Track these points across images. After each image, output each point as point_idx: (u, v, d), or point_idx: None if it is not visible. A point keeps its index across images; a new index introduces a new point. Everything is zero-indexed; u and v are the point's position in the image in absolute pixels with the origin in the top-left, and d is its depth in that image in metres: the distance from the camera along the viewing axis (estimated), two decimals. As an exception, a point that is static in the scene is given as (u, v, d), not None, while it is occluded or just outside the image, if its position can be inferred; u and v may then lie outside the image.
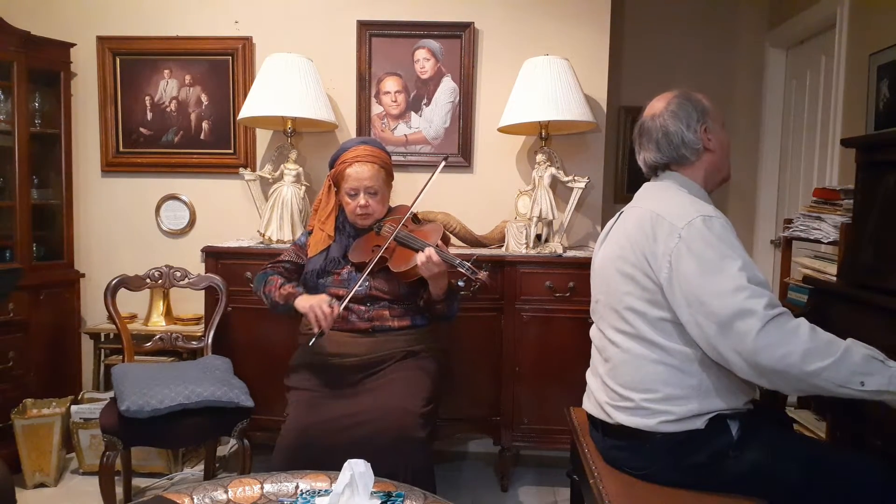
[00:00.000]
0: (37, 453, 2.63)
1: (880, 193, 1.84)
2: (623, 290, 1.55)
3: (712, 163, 1.63)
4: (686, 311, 1.43)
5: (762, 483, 1.46)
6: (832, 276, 2.05)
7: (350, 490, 1.27)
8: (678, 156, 1.62)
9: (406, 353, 2.12)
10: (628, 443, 1.55)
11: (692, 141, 1.60)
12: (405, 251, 2.12)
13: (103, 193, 3.15)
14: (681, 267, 1.43)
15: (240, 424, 2.25)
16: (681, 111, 1.61)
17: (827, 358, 1.31)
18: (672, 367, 1.48)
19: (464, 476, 2.85)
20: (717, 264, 1.40)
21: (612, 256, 1.61)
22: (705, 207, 1.50)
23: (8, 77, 2.75)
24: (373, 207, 2.21)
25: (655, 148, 1.64)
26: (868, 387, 1.30)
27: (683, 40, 3.73)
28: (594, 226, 3.05)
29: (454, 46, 2.98)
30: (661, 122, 1.62)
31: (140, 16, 3.06)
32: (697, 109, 1.61)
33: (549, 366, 2.59)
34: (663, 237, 1.47)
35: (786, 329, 1.33)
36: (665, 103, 1.64)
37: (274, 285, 2.14)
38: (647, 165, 1.69)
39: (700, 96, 1.65)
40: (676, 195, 1.57)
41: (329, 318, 1.97)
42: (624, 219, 1.65)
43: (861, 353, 1.33)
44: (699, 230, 1.43)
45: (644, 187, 1.70)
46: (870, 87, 2.62)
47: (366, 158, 2.18)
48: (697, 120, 1.61)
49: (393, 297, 2.15)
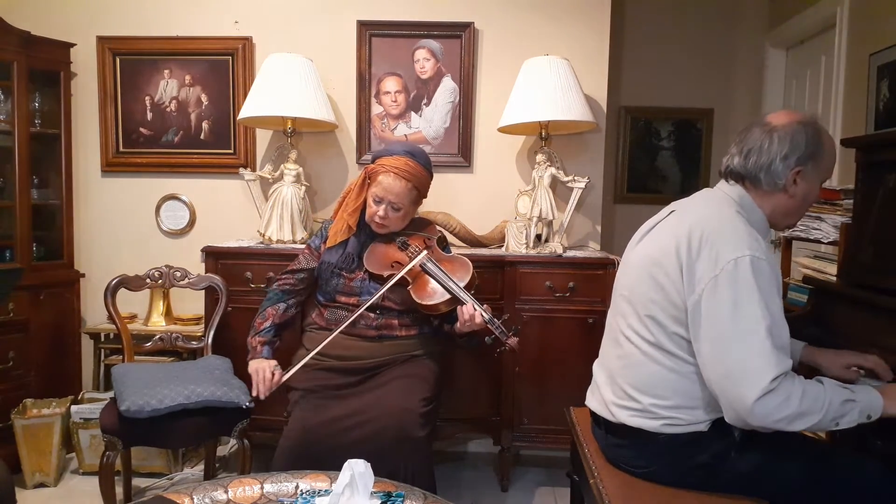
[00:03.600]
0: (37, 453, 2.63)
1: (880, 193, 1.84)
2: (649, 297, 1.50)
3: (783, 207, 1.52)
4: (705, 343, 1.39)
5: (763, 483, 1.46)
6: (832, 276, 2.06)
7: (350, 490, 1.27)
8: (754, 177, 1.50)
9: (409, 356, 2.13)
10: (630, 441, 1.55)
11: (777, 173, 1.48)
12: (429, 281, 2.06)
13: (103, 193, 3.15)
14: (715, 298, 1.37)
15: (240, 424, 2.24)
16: (791, 139, 1.47)
17: (812, 417, 1.33)
18: (685, 378, 1.47)
19: (464, 476, 2.85)
20: (750, 314, 1.34)
21: (650, 258, 1.53)
22: (759, 246, 1.40)
23: (8, 77, 2.75)
24: (391, 220, 2.15)
25: (744, 157, 1.51)
26: (842, 426, 1.36)
27: (683, 40, 3.74)
28: (594, 226, 3.05)
29: (454, 46, 2.98)
30: (768, 135, 1.49)
31: (140, 16, 3.06)
32: (808, 149, 1.47)
33: (549, 366, 2.59)
34: (706, 261, 1.40)
35: (779, 398, 1.32)
36: (788, 121, 1.50)
37: (260, 323, 2.20)
38: (725, 167, 1.57)
39: (825, 141, 1.50)
40: (734, 219, 1.46)
41: (267, 384, 2.05)
42: (671, 222, 1.56)
43: (838, 398, 1.35)
44: (744, 271, 1.36)
45: (702, 193, 1.62)
46: (870, 87, 2.63)
47: (402, 174, 2.10)
48: (798, 159, 1.47)
49: (404, 308, 2.14)
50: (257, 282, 2.61)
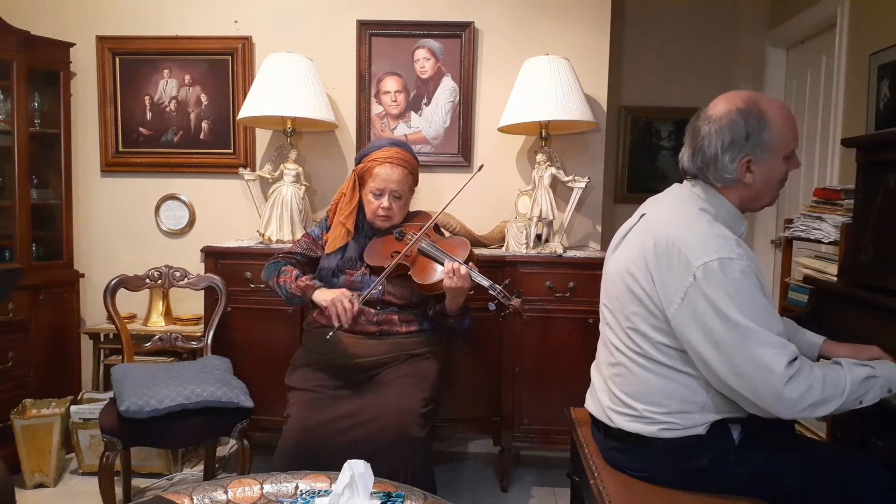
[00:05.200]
0: (36, 453, 2.63)
1: (880, 193, 1.84)
2: (630, 310, 1.50)
3: (745, 196, 1.48)
4: (706, 352, 1.37)
5: (763, 485, 1.46)
6: (832, 276, 2.05)
7: (350, 490, 1.27)
8: (704, 176, 1.48)
9: (409, 355, 2.12)
10: (629, 446, 1.55)
11: (724, 168, 1.43)
12: (429, 262, 2.08)
13: (103, 193, 3.15)
14: (696, 308, 1.36)
15: (239, 424, 2.24)
16: (728, 131, 1.42)
17: (835, 402, 1.33)
18: (678, 384, 1.47)
19: (464, 476, 2.85)
20: (736, 316, 1.33)
21: (624, 269, 1.52)
22: (726, 245, 1.37)
23: (8, 77, 2.75)
24: (395, 211, 2.18)
25: (691, 154, 1.49)
26: (865, 403, 1.36)
27: (683, 40, 3.73)
28: (594, 226, 3.05)
29: (454, 46, 2.98)
30: (707, 129, 1.45)
31: (140, 16, 3.06)
32: (751, 137, 1.40)
33: (549, 366, 2.59)
34: (676, 271, 1.39)
35: (799, 389, 1.31)
36: (724, 111, 1.44)
37: (289, 276, 2.09)
38: (681, 167, 1.55)
39: (768, 119, 1.41)
40: (699, 220, 1.43)
41: (350, 312, 1.95)
42: (640, 230, 1.54)
43: (859, 377, 1.35)
44: (715, 275, 1.34)
45: (670, 190, 1.59)
46: (870, 87, 2.62)
47: (397, 161, 2.16)
48: (742, 149, 1.41)
49: (404, 303, 2.14)
50: (257, 282, 2.61)
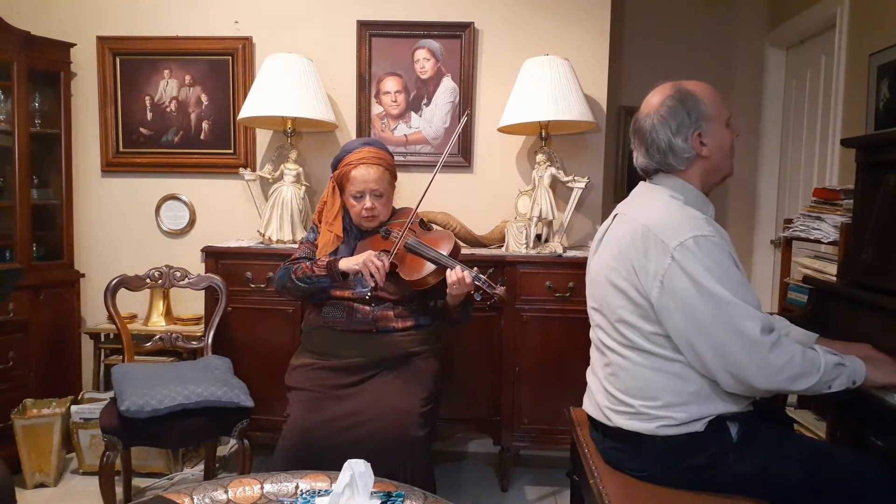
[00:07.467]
0: (37, 453, 2.63)
1: (880, 193, 1.84)
2: (616, 304, 1.53)
3: (707, 168, 1.55)
4: (688, 332, 1.41)
5: (762, 484, 1.46)
6: (832, 276, 2.05)
7: (350, 490, 1.27)
8: (666, 164, 1.54)
9: (408, 353, 2.12)
10: (628, 445, 1.55)
11: (682, 149, 1.52)
12: (416, 259, 2.10)
13: (103, 193, 3.15)
14: (676, 288, 1.41)
15: (240, 424, 2.25)
16: (671, 116, 1.51)
17: (811, 378, 1.38)
18: (671, 375, 1.48)
19: (464, 476, 2.85)
20: (715, 288, 1.38)
21: (605, 267, 1.57)
22: (698, 224, 1.44)
23: (8, 77, 2.75)
24: (378, 209, 2.19)
25: (645, 152, 1.57)
26: (833, 389, 1.41)
27: (683, 40, 3.73)
28: (594, 226, 3.04)
29: (454, 46, 2.98)
30: (650, 123, 1.54)
31: (140, 16, 3.06)
32: (692, 114, 1.51)
33: (549, 366, 2.59)
34: (655, 256, 1.44)
35: (782, 358, 1.37)
36: (658, 102, 1.54)
37: (306, 266, 2.12)
38: (639, 169, 1.62)
39: (698, 95, 1.53)
40: (669, 205, 1.51)
41: (383, 270, 1.97)
42: (616, 226, 1.60)
43: (831, 362, 1.40)
44: (692, 251, 1.40)
45: (638, 189, 1.65)
46: (870, 87, 2.62)
47: (371, 161, 2.17)
48: (689, 126, 1.51)
49: (398, 298, 2.15)
50: (257, 282, 2.62)
